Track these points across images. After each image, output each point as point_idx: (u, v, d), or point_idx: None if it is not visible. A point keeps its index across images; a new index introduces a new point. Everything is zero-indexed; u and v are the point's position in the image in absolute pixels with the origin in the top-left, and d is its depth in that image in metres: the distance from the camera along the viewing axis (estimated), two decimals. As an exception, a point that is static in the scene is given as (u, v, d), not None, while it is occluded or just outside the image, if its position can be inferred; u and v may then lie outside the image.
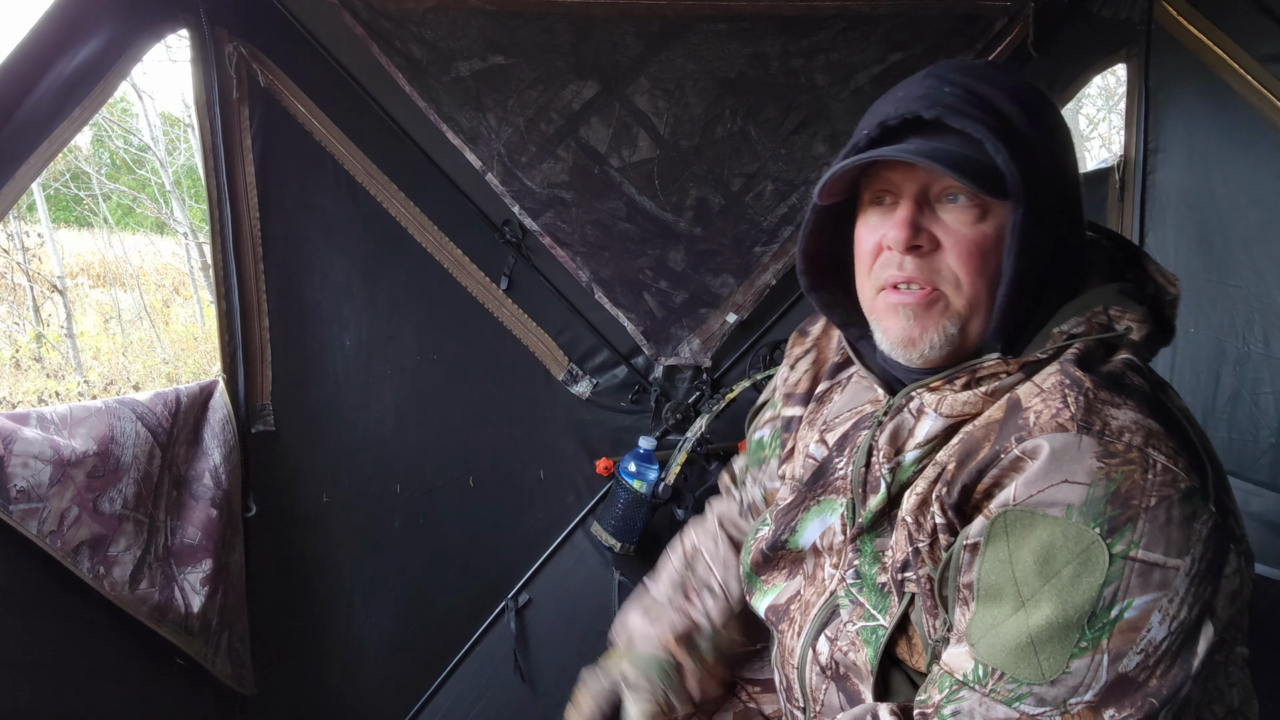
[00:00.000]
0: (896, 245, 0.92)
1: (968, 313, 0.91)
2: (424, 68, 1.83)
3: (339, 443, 1.95)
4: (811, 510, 1.07)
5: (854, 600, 1.00)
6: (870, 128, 0.93)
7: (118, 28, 1.56)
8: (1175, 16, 1.86)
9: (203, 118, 1.75)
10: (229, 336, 1.82)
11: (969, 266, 0.90)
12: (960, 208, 0.90)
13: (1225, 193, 1.83)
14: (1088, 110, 7.80)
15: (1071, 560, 0.78)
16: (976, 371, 0.91)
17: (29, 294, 5.77)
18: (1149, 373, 0.87)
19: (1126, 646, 0.76)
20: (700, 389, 2.14)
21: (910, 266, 0.92)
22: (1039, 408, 0.83)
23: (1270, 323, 1.76)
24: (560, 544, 2.13)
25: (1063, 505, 0.79)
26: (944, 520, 0.88)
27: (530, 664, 2.13)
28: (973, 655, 0.83)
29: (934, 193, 0.92)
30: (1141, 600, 0.76)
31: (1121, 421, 0.80)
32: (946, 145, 0.89)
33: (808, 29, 1.92)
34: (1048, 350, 0.89)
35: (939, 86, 0.92)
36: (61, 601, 1.52)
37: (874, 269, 0.96)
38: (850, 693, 0.99)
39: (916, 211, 0.91)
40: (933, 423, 0.93)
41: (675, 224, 2.04)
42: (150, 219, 7.92)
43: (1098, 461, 0.78)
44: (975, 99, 0.89)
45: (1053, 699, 0.78)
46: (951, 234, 0.91)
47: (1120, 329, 0.89)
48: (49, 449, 1.47)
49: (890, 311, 0.95)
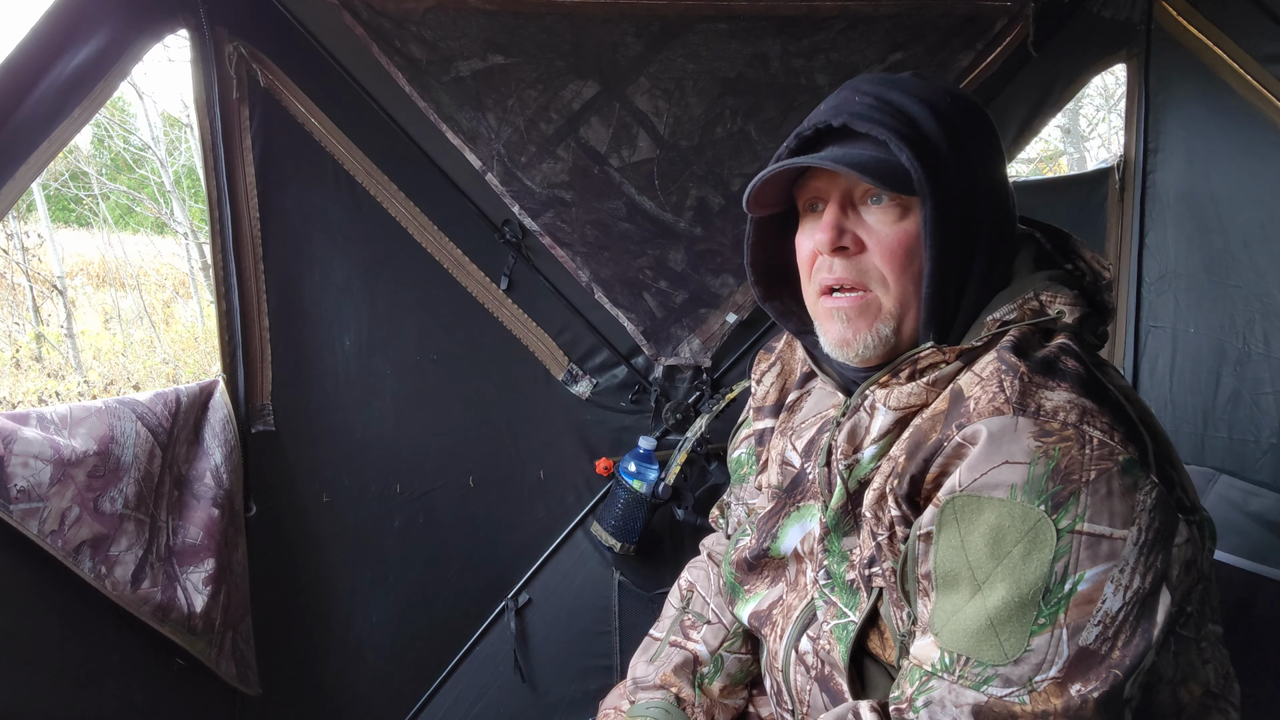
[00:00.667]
0: (823, 247, 0.97)
1: (899, 311, 0.96)
2: (424, 68, 1.83)
3: (339, 442, 1.95)
4: (791, 517, 1.10)
5: (827, 600, 1.03)
6: (790, 141, 1.00)
7: (118, 28, 1.56)
8: (1175, 17, 1.86)
9: (202, 118, 1.75)
10: (229, 336, 1.82)
11: (893, 264, 0.95)
12: (882, 208, 0.96)
13: (1225, 193, 1.83)
14: (1087, 110, 7.79)
15: (1021, 539, 0.80)
16: (917, 362, 0.94)
17: (29, 294, 5.77)
18: (1085, 354, 0.89)
19: (1084, 619, 0.78)
20: (700, 389, 2.14)
21: (839, 268, 0.97)
22: (978, 394, 0.86)
23: (1270, 323, 1.76)
24: (560, 544, 2.13)
25: (1006, 486, 0.81)
26: (899, 512, 0.91)
27: (530, 664, 2.13)
28: (938, 644, 0.85)
29: (857, 196, 0.97)
30: (1093, 572, 0.78)
31: (1056, 401, 0.83)
32: (860, 150, 0.95)
33: (808, 29, 1.92)
34: (983, 338, 0.92)
35: (850, 97, 0.98)
36: (63, 601, 1.52)
37: (812, 274, 1.02)
38: (833, 692, 1.01)
39: (841, 215, 0.97)
40: (884, 417, 0.96)
41: (675, 224, 2.04)
42: (150, 219, 7.92)
43: (1035, 440, 0.81)
44: (885, 105, 0.95)
45: (1018, 678, 0.79)
46: (875, 234, 0.96)
47: (1052, 313, 0.92)
48: (49, 449, 1.47)
49: (828, 315, 1.00)
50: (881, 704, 0.93)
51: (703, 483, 2.11)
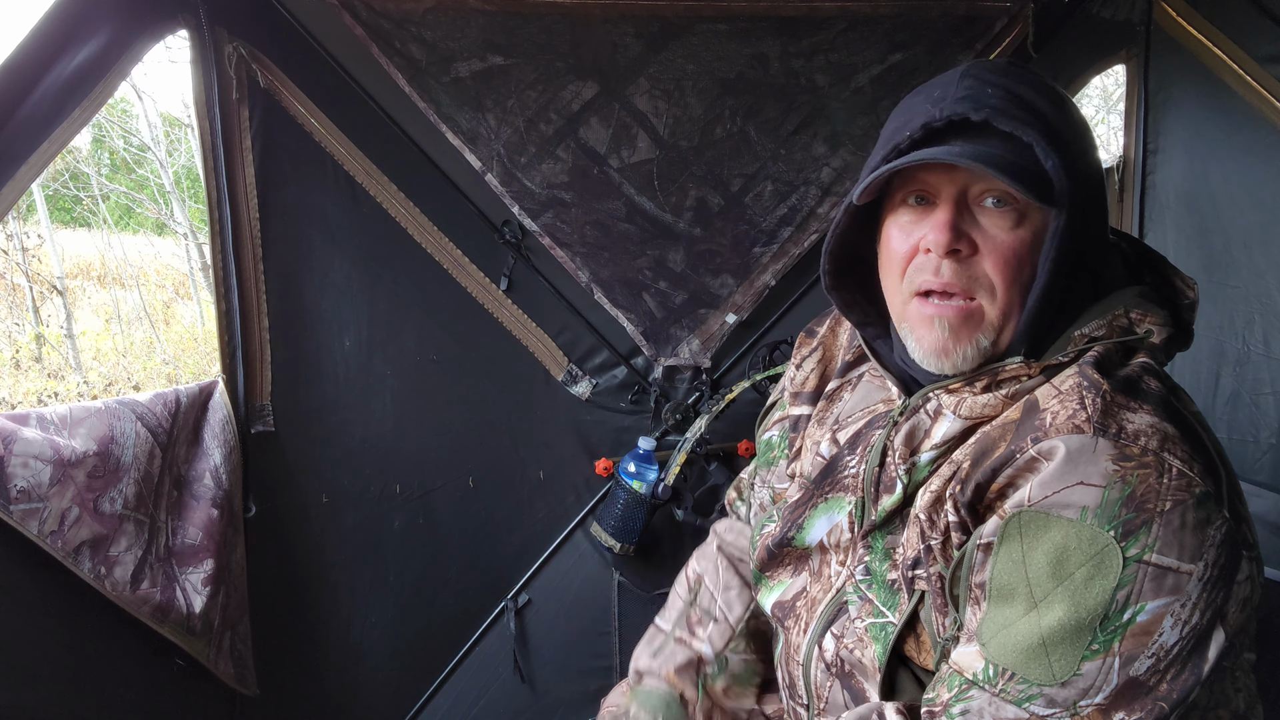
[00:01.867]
0: (937, 248, 0.90)
1: (1001, 323, 0.91)
2: (423, 68, 1.83)
3: (338, 443, 1.95)
4: (819, 508, 1.07)
5: (863, 597, 1.00)
6: (913, 129, 0.90)
7: (118, 28, 1.56)
8: (1175, 17, 1.86)
9: (202, 118, 1.75)
10: (228, 337, 1.82)
11: (1005, 273, 0.89)
12: (1000, 212, 0.89)
13: (1225, 193, 1.84)
14: (1087, 110, 7.80)
15: (1085, 562, 0.78)
16: (998, 374, 0.91)
17: (28, 294, 5.77)
18: (1165, 377, 0.87)
19: (1138, 650, 0.77)
20: (700, 389, 2.14)
21: (948, 271, 0.90)
22: (1056, 409, 0.84)
23: (1270, 323, 1.76)
24: (560, 544, 2.13)
25: (1077, 507, 0.79)
26: (957, 519, 0.88)
27: (530, 664, 2.13)
28: (983, 655, 0.83)
29: (972, 195, 0.90)
30: (1154, 604, 0.76)
31: (1137, 425, 0.81)
32: (990, 149, 0.87)
33: (808, 29, 1.92)
34: (1068, 353, 0.88)
35: (980, 88, 0.89)
36: (62, 602, 1.52)
37: (908, 272, 0.94)
38: (855, 690, 0.99)
39: (956, 214, 0.90)
40: (950, 424, 0.93)
41: (675, 224, 2.04)
42: (150, 219, 7.92)
43: (1113, 464, 0.78)
44: (1018, 100, 0.88)
45: (1063, 700, 0.78)
46: (989, 239, 0.89)
47: (1140, 332, 0.89)
48: (49, 449, 1.47)
49: (925, 321, 0.93)
50: (908, 706, 0.92)
51: (702, 483, 2.11)
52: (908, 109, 0.96)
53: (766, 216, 2.06)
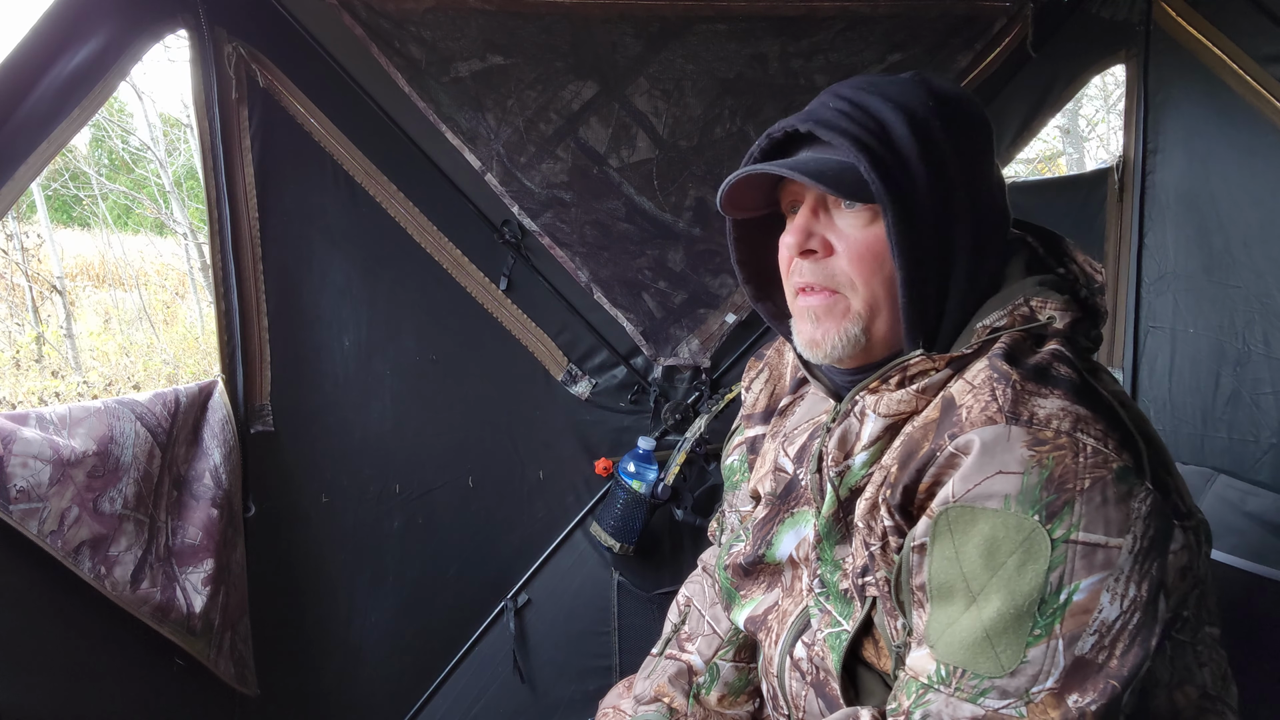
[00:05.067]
0: (791, 250, 0.99)
1: (868, 313, 0.96)
2: (423, 68, 1.83)
3: (338, 443, 1.95)
4: (785, 523, 1.10)
5: (822, 609, 1.02)
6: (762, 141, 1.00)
7: (117, 28, 1.56)
8: (1174, 17, 1.86)
9: (201, 118, 1.75)
10: (228, 337, 1.83)
11: (861, 268, 0.95)
12: (854, 213, 0.95)
13: (1225, 193, 1.83)
14: (1086, 111, 7.80)
15: (1015, 550, 0.79)
16: (906, 369, 0.94)
17: (28, 294, 5.77)
18: (1078, 360, 0.89)
19: (1080, 629, 0.77)
20: (699, 389, 2.15)
21: (807, 270, 0.98)
22: (970, 403, 0.85)
23: (1270, 323, 1.76)
24: (559, 544, 2.13)
25: (1000, 496, 0.80)
26: (892, 523, 0.90)
27: (529, 664, 2.13)
28: (933, 656, 0.84)
29: (830, 200, 0.97)
30: (1088, 581, 0.77)
31: (1049, 409, 0.82)
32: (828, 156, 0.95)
33: (807, 29, 1.92)
34: (973, 345, 0.91)
35: (826, 101, 0.98)
36: (62, 602, 1.52)
37: (790, 274, 1.02)
38: (830, 698, 1.00)
39: (813, 218, 0.98)
40: (874, 424, 0.95)
41: (674, 224, 2.04)
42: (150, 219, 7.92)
43: (1028, 450, 0.80)
44: (857, 110, 0.94)
45: (1015, 690, 0.79)
46: (845, 238, 0.96)
47: (1043, 319, 0.92)
48: (48, 449, 1.47)
49: (800, 314, 1.01)
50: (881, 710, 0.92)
51: (702, 483, 2.11)
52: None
53: (766, 216, 2.06)
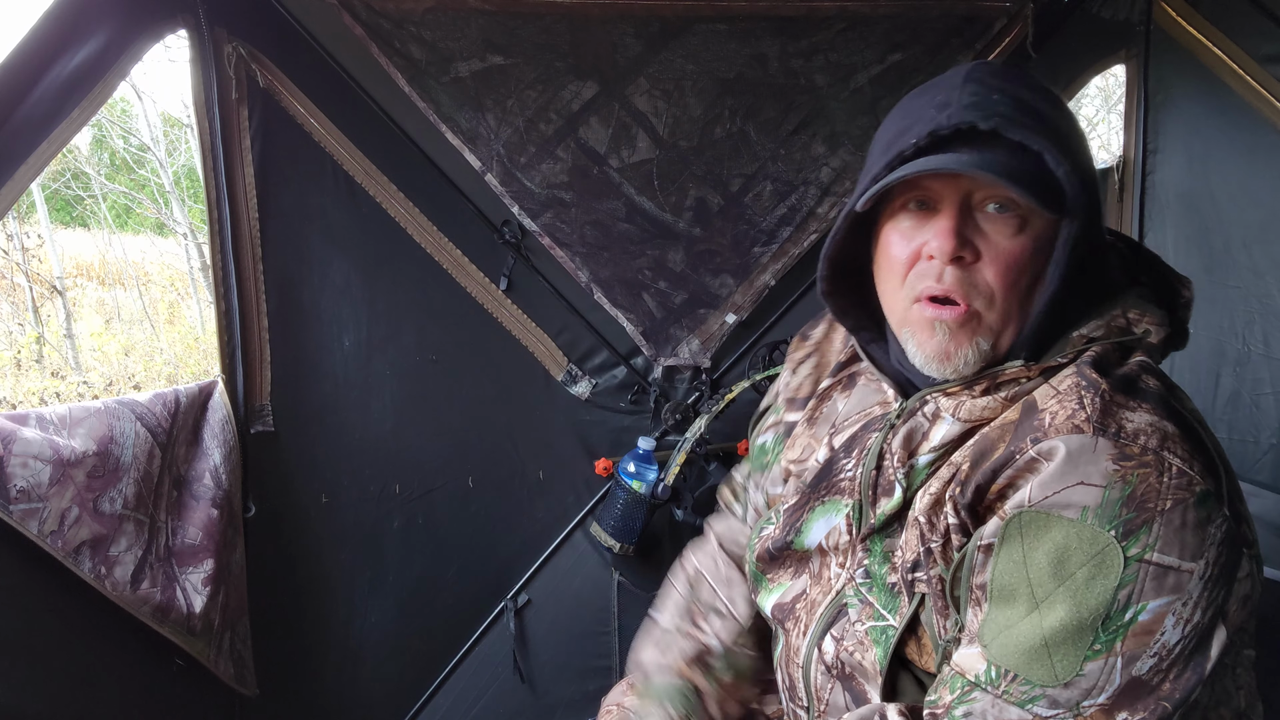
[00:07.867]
0: (941, 255, 0.89)
1: (1000, 327, 0.90)
2: (423, 68, 1.83)
3: (338, 443, 1.95)
4: (816, 511, 1.07)
5: (863, 600, 1.00)
6: (918, 136, 0.88)
7: (117, 28, 1.56)
8: (1174, 17, 1.86)
9: (201, 118, 1.75)
10: (228, 337, 1.82)
11: (1005, 280, 0.88)
12: (1003, 218, 0.88)
13: (1224, 193, 1.84)
14: (1086, 110, 7.79)
15: (1086, 562, 0.78)
16: (997, 378, 0.91)
17: (28, 294, 5.77)
18: (1162, 376, 0.87)
19: (1140, 649, 0.77)
20: (699, 389, 2.14)
21: (950, 279, 0.89)
22: (1055, 409, 0.83)
23: (1270, 323, 1.76)
24: (559, 544, 2.13)
25: (1078, 507, 0.79)
26: (957, 520, 0.88)
27: (529, 664, 2.13)
28: (985, 656, 0.83)
29: (975, 201, 0.89)
30: (1156, 604, 0.76)
31: (1137, 424, 0.81)
32: (997, 156, 0.86)
33: (807, 29, 1.92)
34: (1067, 354, 0.89)
35: (986, 94, 0.88)
36: (62, 602, 1.52)
37: (909, 278, 0.93)
38: (856, 692, 0.99)
39: (960, 221, 0.89)
40: (949, 427, 0.92)
41: (674, 224, 2.04)
42: (150, 219, 7.92)
43: (1113, 464, 0.78)
44: (1024, 107, 0.87)
45: (1066, 701, 0.78)
46: (992, 246, 0.89)
47: (1138, 332, 0.89)
48: (48, 449, 1.47)
49: (926, 326, 0.92)
50: (910, 708, 0.91)
51: (702, 483, 2.11)
52: (908, 113, 0.94)
53: (766, 216, 2.06)
